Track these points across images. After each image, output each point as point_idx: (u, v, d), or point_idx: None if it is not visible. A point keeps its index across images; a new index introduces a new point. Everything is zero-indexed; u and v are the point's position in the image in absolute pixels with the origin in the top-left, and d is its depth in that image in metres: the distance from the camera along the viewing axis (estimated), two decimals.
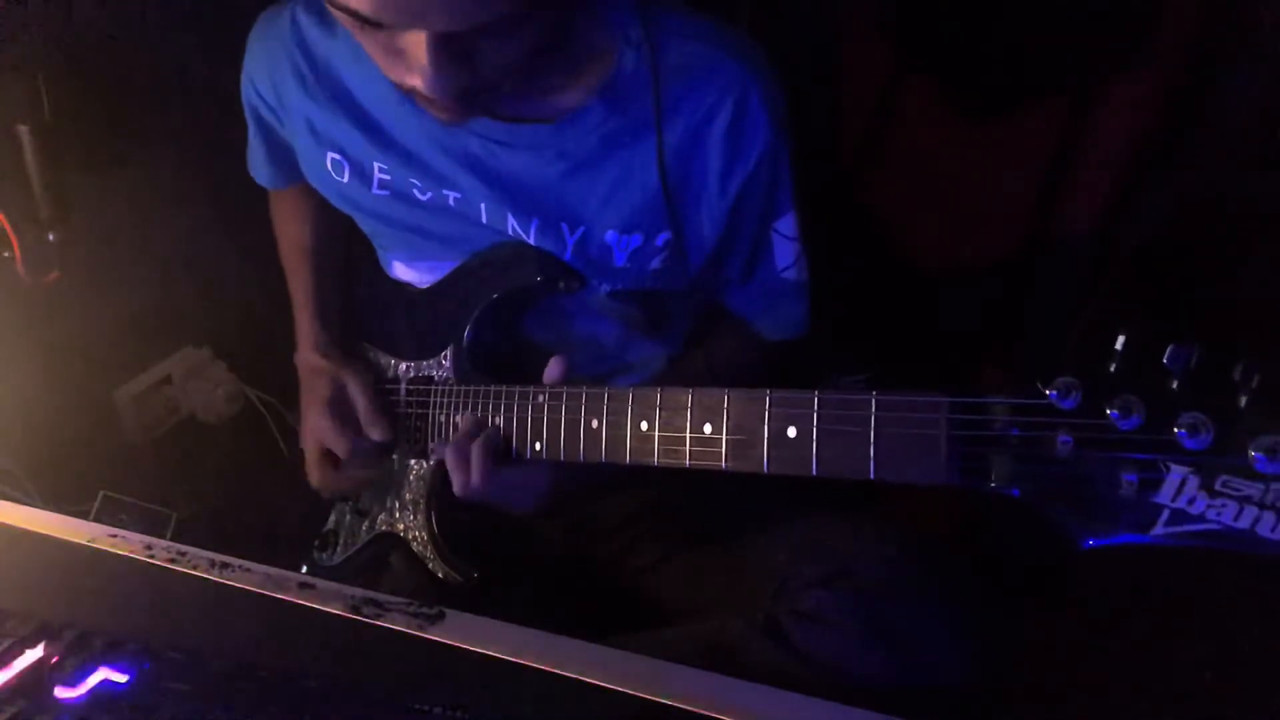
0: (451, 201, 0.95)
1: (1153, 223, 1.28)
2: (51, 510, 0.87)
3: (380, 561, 1.07)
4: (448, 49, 0.70)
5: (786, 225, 0.97)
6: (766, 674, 0.77)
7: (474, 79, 0.74)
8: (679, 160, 0.90)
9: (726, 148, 0.89)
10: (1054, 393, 0.57)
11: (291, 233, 1.17)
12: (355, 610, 0.73)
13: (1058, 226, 1.33)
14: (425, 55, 0.70)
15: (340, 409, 1.06)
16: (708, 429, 0.75)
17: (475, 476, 0.89)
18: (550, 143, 0.90)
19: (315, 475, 1.11)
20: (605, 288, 0.97)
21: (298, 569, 1.01)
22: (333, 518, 1.15)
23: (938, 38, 1.35)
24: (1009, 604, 1.01)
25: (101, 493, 1.42)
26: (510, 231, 0.94)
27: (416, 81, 0.72)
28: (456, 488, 0.91)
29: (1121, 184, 1.27)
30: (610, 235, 0.92)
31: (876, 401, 0.66)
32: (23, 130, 1.28)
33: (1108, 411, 0.55)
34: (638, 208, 0.91)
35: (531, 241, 0.94)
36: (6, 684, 0.66)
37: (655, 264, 0.95)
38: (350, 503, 1.12)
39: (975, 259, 1.40)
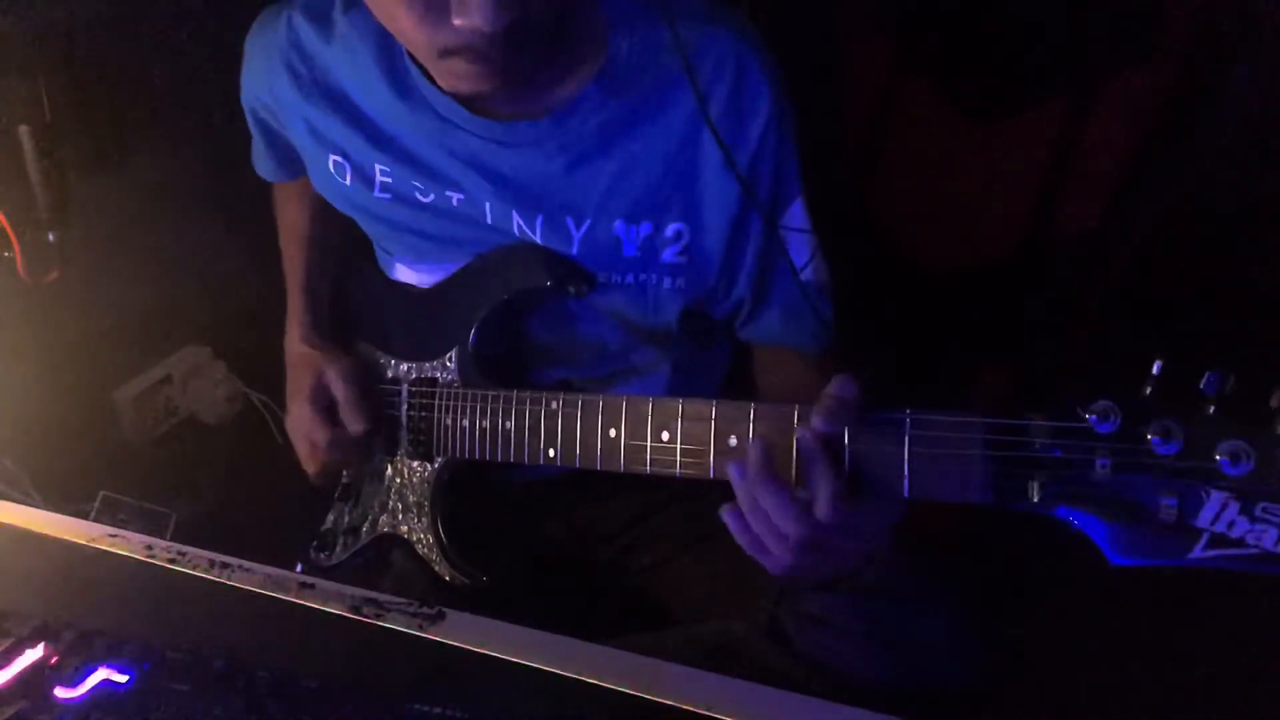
0: (455, 202, 0.95)
1: (1153, 223, 1.28)
2: (51, 510, 0.87)
3: (381, 562, 1.07)
4: None
5: (796, 215, 0.94)
6: (769, 676, 0.77)
7: (523, 9, 0.72)
8: (684, 145, 0.89)
9: (729, 120, 0.88)
10: (1093, 416, 0.58)
11: (290, 218, 1.17)
12: (355, 610, 0.73)
13: (1058, 227, 1.32)
14: None
15: (322, 400, 1.05)
16: (732, 441, 0.75)
17: (823, 506, 0.68)
18: (549, 136, 0.90)
19: (306, 465, 1.11)
20: (617, 279, 0.95)
21: (293, 568, 1.01)
22: (330, 517, 1.15)
23: (938, 38, 1.35)
24: (1010, 607, 1.01)
25: (101, 493, 1.42)
26: (516, 230, 0.94)
27: (473, 17, 0.70)
28: (785, 544, 0.72)
29: (1121, 184, 1.27)
30: (618, 226, 0.92)
31: (911, 421, 0.66)
32: (23, 130, 1.28)
33: (1148, 436, 0.57)
34: (643, 195, 0.90)
35: (538, 238, 0.94)
36: (6, 684, 0.66)
37: (669, 256, 0.93)
38: (349, 503, 1.12)
39: (974, 259, 1.40)
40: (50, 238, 1.35)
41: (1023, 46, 1.29)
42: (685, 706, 0.63)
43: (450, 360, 1.01)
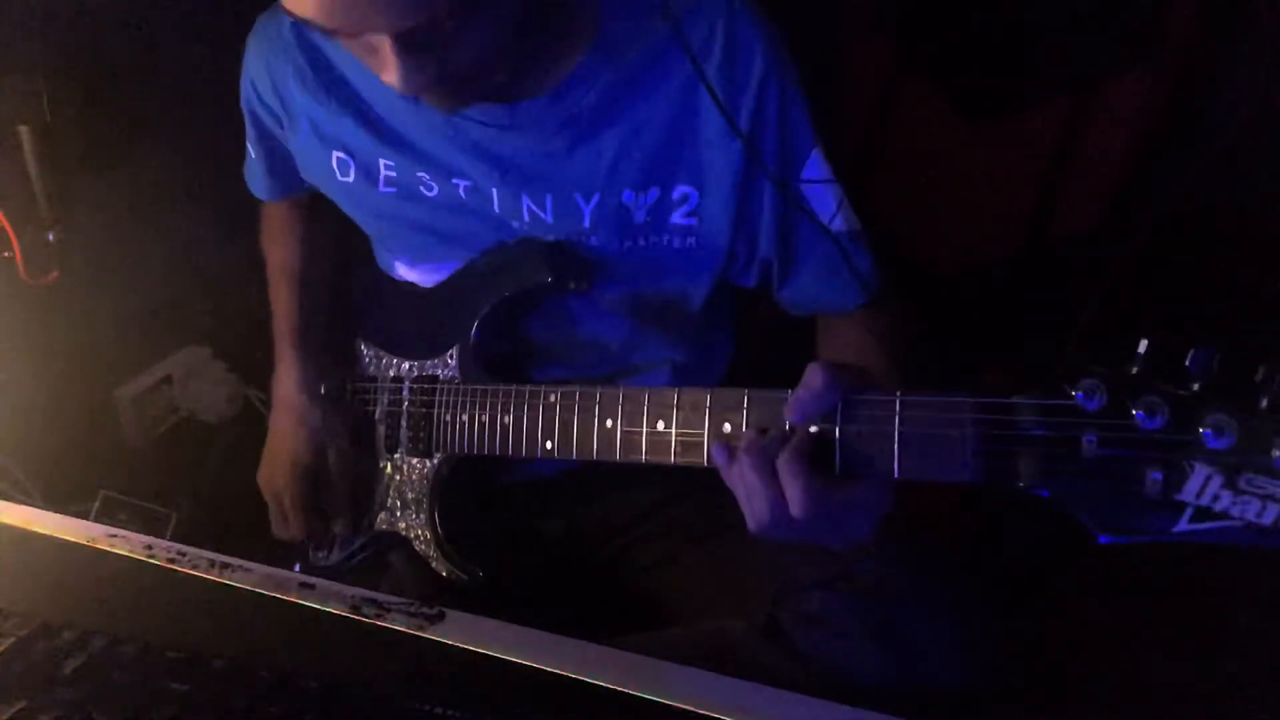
0: (463, 191, 0.95)
1: (1152, 222, 1.28)
2: (51, 510, 0.87)
3: (379, 560, 1.07)
4: (409, 45, 0.71)
5: (815, 167, 0.91)
6: (767, 675, 0.77)
7: (447, 69, 0.74)
8: (683, 108, 0.88)
9: (725, 78, 0.87)
10: (1079, 394, 0.59)
11: (279, 254, 1.15)
12: (355, 610, 0.73)
13: (1058, 226, 1.33)
14: (391, 54, 0.71)
15: (312, 480, 1.05)
16: (727, 428, 0.75)
17: (796, 500, 0.69)
18: (550, 113, 0.89)
19: (276, 522, 1.09)
20: (629, 244, 0.94)
21: (291, 566, 1.01)
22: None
23: (938, 38, 1.35)
24: (1009, 605, 1.01)
25: (101, 493, 1.42)
26: (525, 215, 0.94)
27: (390, 79, 0.73)
28: (757, 520, 0.72)
29: (1121, 183, 1.27)
30: (626, 195, 0.91)
31: (901, 402, 0.66)
32: (23, 130, 1.29)
33: (1133, 412, 0.57)
34: (648, 162, 0.90)
35: (549, 218, 0.93)
36: (6, 683, 0.66)
37: (678, 219, 0.92)
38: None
39: (975, 259, 1.40)
40: (50, 238, 1.35)
41: (1024, 48, 1.29)
42: (685, 706, 0.63)
43: (451, 357, 1.01)
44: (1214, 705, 1.21)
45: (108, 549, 0.81)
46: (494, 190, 0.93)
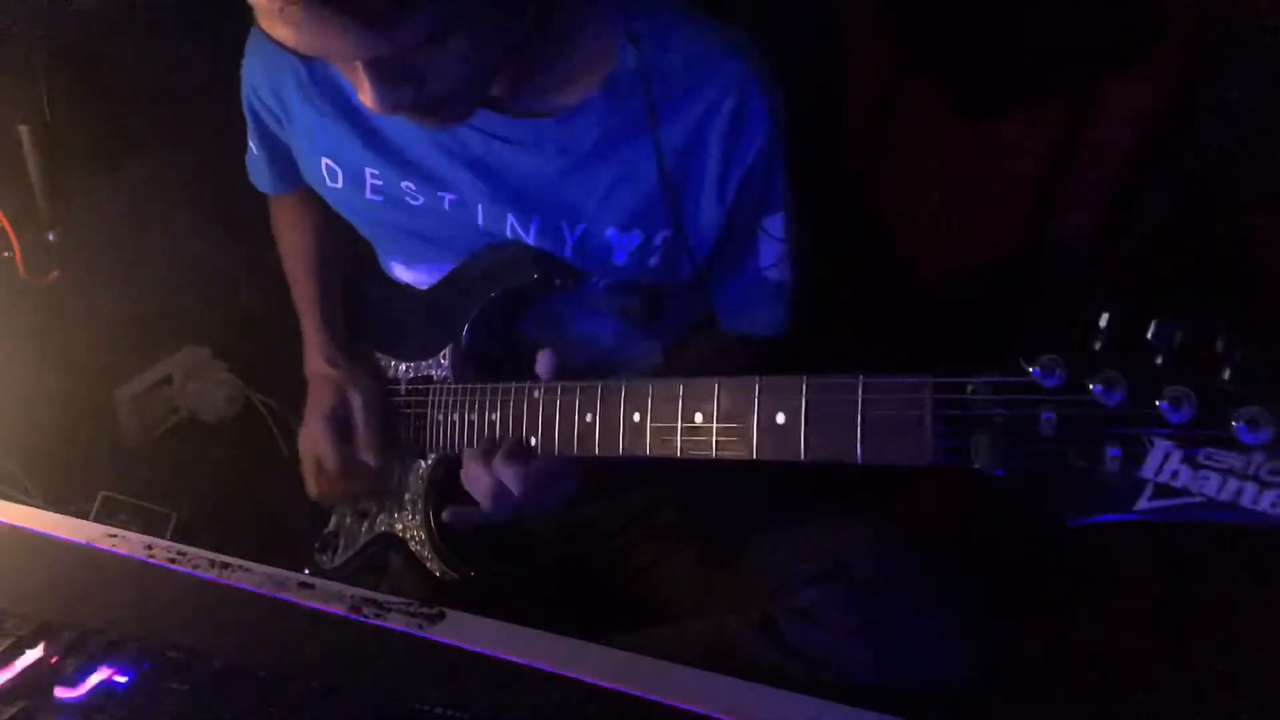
0: (447, 205, 0.95)
1: (1152, 222, 1.28)
2: (51, 510, 0.87)
3: (380, 562, 1.07)
4: (380, 72, 0.73)
5: (775, 225, 0.97)
6: (762, 672, 0.77)
7: (424, 93, 0.76)
8: (678, 159, 0.90)
9: (725, 147, 0.90)
10: (1037, 370, 0.57)
11: (293, 241, 1.17)
12: (355, 610, 0.73)
13: (1058, 226, 1.33)
14: (365, 77, 0.73)
15: (338, 422, 1.05)
16: (698, 418, 0.75)
17: (516, 489, 0.86)
18: (551, 137, 0.90)
19: (309, 482, 1.10)
20: (604, 283, 0.97)
21: (297, 569, 1.01)
22: (333, 520, 1.15)
23: (938, 37, 1.35)
24: (1004, 603, 1.01)
25: (101, 493, 1.42)
26: (509, 233, 0.94)
27: (366, 100, 0.75)
28: (496, 509, 0.89)
29: (1121, 184, 1.27)
30: (610, 233, 0.93)
31: (863, 384, 0.66)
32: (23, 130, 1.29)
33: (1091, 388, 0.56)
34: (637, 206, 0.91)
35: (531, 241, 0.94)
36: (6, 684, 0.66)
37: (654, 261, 0.95)
38: (350, 505, 1.12)
39: (975, 259, 1.40)
40: (50, 238, 1.35)
41: (1023, 47, 1.29)
42: (685, 706, 0.63)
43: (444, 358, 1.01)
44: (1210, 705, 1.21)
45: (108, 549, 0.81)
46: (480, 206, 0.94)
